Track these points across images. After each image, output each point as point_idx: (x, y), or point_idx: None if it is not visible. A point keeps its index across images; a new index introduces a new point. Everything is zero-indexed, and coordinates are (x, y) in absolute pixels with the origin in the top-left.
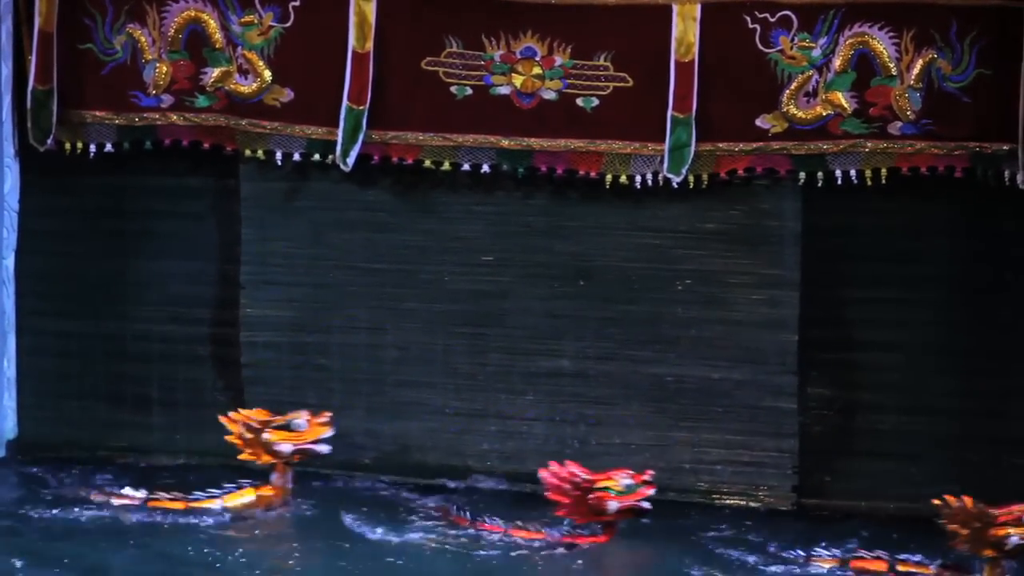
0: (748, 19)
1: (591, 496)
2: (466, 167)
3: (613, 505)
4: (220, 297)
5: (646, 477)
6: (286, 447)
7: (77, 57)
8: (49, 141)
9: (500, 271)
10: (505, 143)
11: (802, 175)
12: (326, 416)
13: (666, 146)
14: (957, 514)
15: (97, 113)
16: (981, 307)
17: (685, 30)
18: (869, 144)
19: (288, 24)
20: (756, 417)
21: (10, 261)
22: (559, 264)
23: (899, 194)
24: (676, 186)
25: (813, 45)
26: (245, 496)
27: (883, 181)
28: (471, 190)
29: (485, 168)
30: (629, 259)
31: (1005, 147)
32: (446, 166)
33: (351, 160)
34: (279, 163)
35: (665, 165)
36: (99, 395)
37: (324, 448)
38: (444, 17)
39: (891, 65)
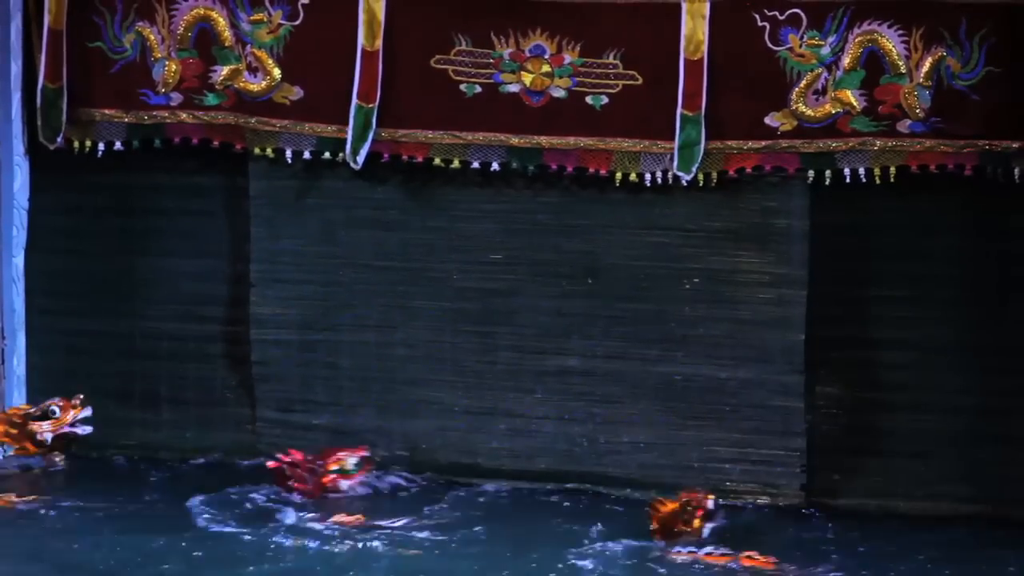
0: (757, 17)
1: (325, 479)
2: (476, 165)
3: (344, 484)
4: (230, 295)
5: (364, 453)
6: (48, 435)
7: (86, 55)
8: (59, 139)
9: (509, 269)
10: (514, 141)
11: (811, 173)
12: (78, 398)
13: (675, 144)
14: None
15: (106, 111)
16: (990, 305)
17: (694, 28)
18: (878, 142)
19: (297, 22)
20: (764, 416)
21: (20, 259)
22: (568, 262)
23: (908, 192)
24: (685, 184)
25: (822, 43)
26: None
27: (892, 179)
28: (480, 188)
29: (495, 166)
30: (638, 257)
31: (1014, 145)
32: (455, 164)
33: (361, 158)
34: (289, 161)
35: (675, 163)
36: (108, 393)
37: (85, 429)
38: (453, 15)
39: (900, 63)
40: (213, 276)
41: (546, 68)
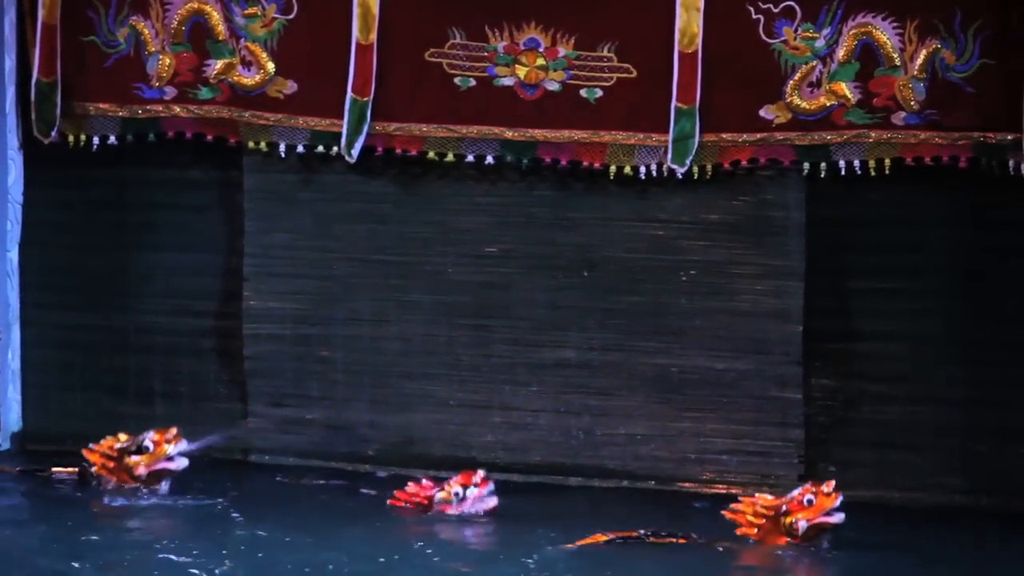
0: (751, 9)
1: (435, 509)
2: (470, 158)
3: (454, 512)
4: (223, 289)
5: (476, 478)
6: (142, 469)
7: (80, 49)
8: (53, 133)
9: (504, 262)
10: (509, 134)
11: (806, 165)
12: (172, 431)
13: (670, 137)
14: (746, 510)
15: (101, 105)
16: (986, 297)
17: (688, 21)
18: (873, 134)
19: (291, 16)
20: (761, 407)
21: (14, 254)
22: (563, 255)
23: (903, 184)
24: (680, 177)
25: (817, 35)
26: None
27: (887, 171)
28: (475, 182)
29: (489, 159)
30: (633, 250)
31: (1009, 137)
32: (450, 158)
33: (356, 152)
34: (283, 155)
35: (669, 156)
36: (102, 387)
37: (181, 463)
38: (447, 8)
39: (895, 55)
40: (207, 270)
41: (540, 61)
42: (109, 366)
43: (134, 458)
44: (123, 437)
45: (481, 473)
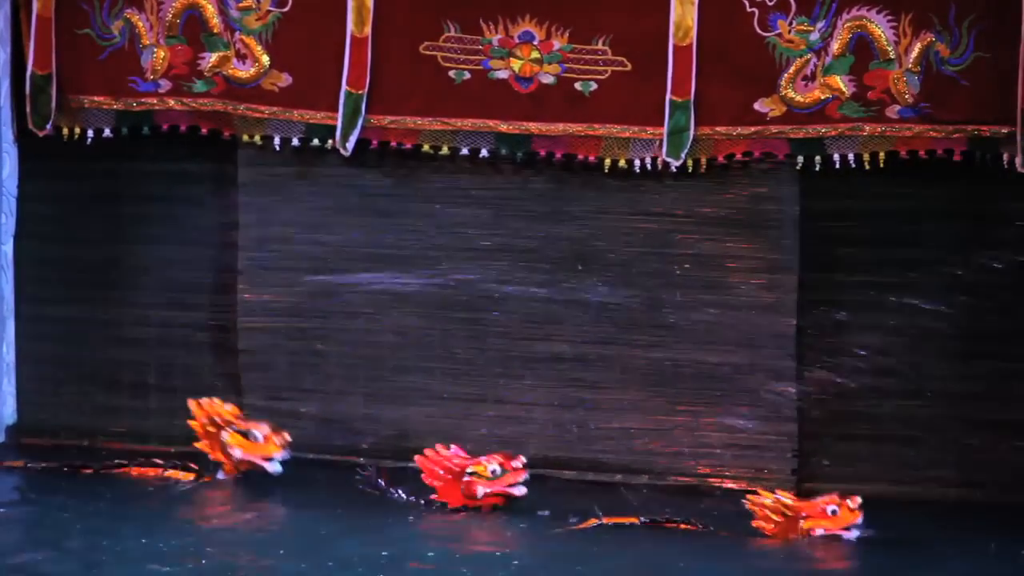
0: (746, 3)
1: (463, 481)
2: (465, 152)
3: (481, 490)
4: (218, 283)
5: (516, 463)
6: (238, 452)
7: (75, 42)
8: (48, 126)
9: (499, 256)
10: (504, 128)
11: (800, 159)
12: (285, 436)
13: (665, 130)
14: (767, 504)
15: (95, 98)
16: (980, 291)
17: (683, 14)
18: (867, 128)
19: (286, 9)
20: (755, 401)
21: (9, 247)
22: (558, 249)
23: (897, 178)
24: (675, 170)
25: (811, 29)
26: None
27: (881, 165)
28: (470, 175)
29: (484, 153)
30: (628, 243)
31: (1003, 130)
32: (444, 151)
33: (351, 145)
34: (277, 148)
35: (664, 149)
36: (97, 381)
37: (273, 467)
38: (442, 1)
39: (889, 49)
40: (201, 263)
41: (535, 54)
42: (104, 359)
43: (238, 438)
44: (230, 408)
45: (522, 459)
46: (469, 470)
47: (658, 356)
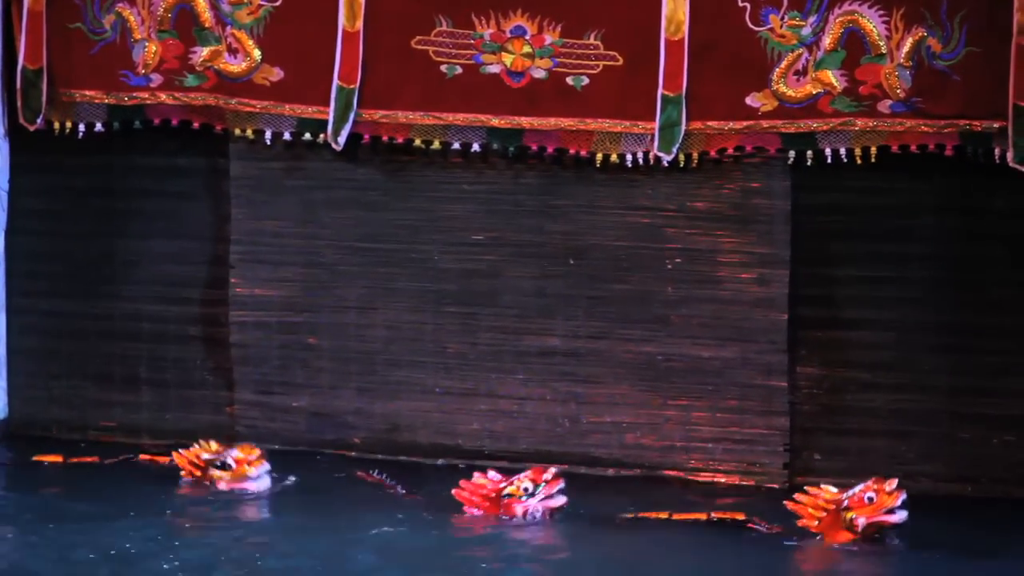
0: None
1: (501, 503)
2: (456, 146)
3: (519, 509)
4: (209, 277)
5: (547, 474)
6: (223, 485)
7: (66, 36)
8: (39, 120)
9: (491, 250)
10: (495, 122)
11: (792, 153)
12: (254, 453)
13: (656, 125)
14: (808, 502)
15: (87, 92)
16: (971, 285)
17: (675, 8)
18: (859, 122)
19: (277, 3)
20: (747, 395)
21: (0, 241)
22: (549, 243)
23: (889, 172)
24: (667, 165)
25: (803, 23)
26: None
27: (873, 159)
28: (461, 169)
29: (475, 147)
30: (619, 238)
31: (995, 125)
32: (436, 145)
33: (342, 139)
34: (269, 142)
35: (655, 144)
36: (88, 375)
37: (259, 484)
38: None
39: (881, 43)
40: (193, 257)
41: (527, 49)
42: (95, 353)
43: (217, 472)
44: (213, 446)
45: (553, 470)
46: (505, 492)
47: (650, 350)
